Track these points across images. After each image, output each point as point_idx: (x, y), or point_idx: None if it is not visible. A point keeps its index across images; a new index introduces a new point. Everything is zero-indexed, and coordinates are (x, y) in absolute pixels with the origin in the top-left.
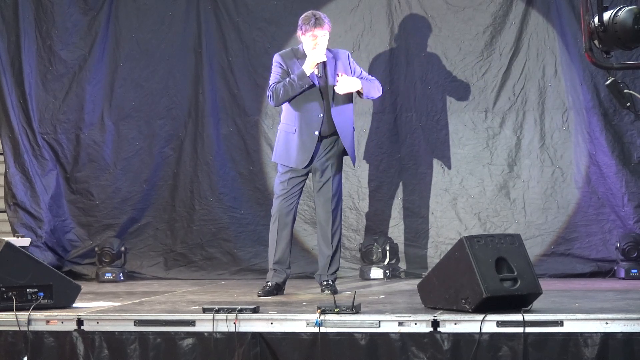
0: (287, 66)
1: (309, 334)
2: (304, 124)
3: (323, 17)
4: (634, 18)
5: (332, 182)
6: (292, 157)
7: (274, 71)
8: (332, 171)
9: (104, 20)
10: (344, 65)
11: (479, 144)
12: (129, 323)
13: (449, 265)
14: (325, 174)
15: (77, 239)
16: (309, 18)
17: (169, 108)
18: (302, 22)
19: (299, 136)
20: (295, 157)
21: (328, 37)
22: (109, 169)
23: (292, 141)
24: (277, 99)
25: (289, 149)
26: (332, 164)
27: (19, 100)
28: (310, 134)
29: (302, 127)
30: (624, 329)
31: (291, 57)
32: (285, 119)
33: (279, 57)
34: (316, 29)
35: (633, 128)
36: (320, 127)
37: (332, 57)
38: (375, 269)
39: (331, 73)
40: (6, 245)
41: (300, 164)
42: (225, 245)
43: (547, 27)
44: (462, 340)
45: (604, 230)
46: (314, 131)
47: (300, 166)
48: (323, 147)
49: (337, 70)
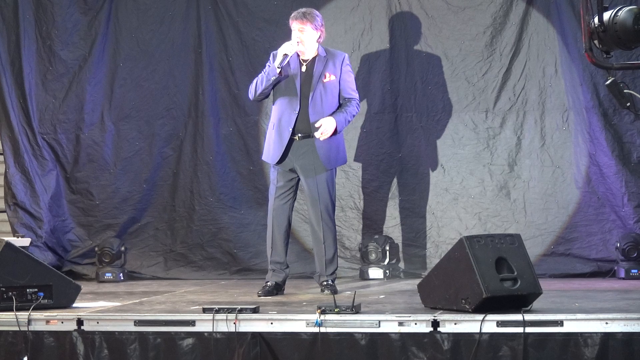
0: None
1: (309, 334)
2: (281, 120)
3: (309, 13)
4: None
5: (316, 182)
6: (270, 153)
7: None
8: (316, 171)
9: (104, 20)
10: (335, 67)
11: (480, 144)
12: (129, 323)
13: (449, 265)
14: (309, 174)
15: (77, 239)
16: (295, 12)
17: (169, 108)
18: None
19: (277, 132)
20: (272, 153)
21: (313, 33)
22: (109, 169)
23: (271, 137)
24: (252, 91)
25: (268, 144)
26: (314, 164)
27: (19, 100)
28: (285, 130)
29: (279, 123)
30: (624, 329)
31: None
32: (271, 116)
33: (272, 54)
34: (295, 21)
35: (633, 128)
36: (294, 123)
37: (324, 56)
38: (375, 269)
39: (317, 72)
40: (6, 245)
41: (274, 159)
42: (225, 245)
43: (547, 27)
44: (462, 340)
45: (604, 230)
46: (288, 127)
47: (273, 162)
48: (302, 147)
49: (325, 71)
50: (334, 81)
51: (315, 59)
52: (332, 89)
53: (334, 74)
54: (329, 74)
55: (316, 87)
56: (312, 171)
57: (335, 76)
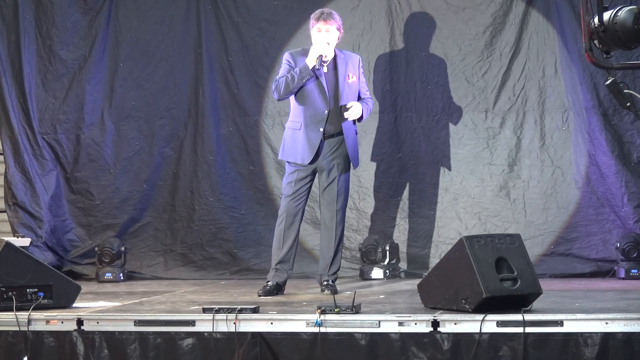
0: (296, 63)
1: (309, 334)
2: (310, 120)
3: (332, 14)
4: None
5: (337, 182)
6: (299, 153)
7: (282, 68)
8: (338, 171)
9: (104, 20)
10: (354, 68)
11: (479, 144)
12: (129, 323)
13: (449, 265)
14: (332, 173)
15: (77, 239)
16: (317, 13)
17: (169, 108)
18: (312, 17)
19: (305, 132)
20: (302, 153)
21: (337, 34)
22: (109, 169)
23: (298, 138)
24: (279, 91)
25: (295, 145)
26: (337, 163)
27: (19, 100)
28: (315, 130)
29: (308, 123)
30: (624, 329)
31: (301, 55)
32: (292, 116)
33: (289, 54)
34: (319, 22)
35: (633, 128)
36: (325, 124)
37: (343, 57)
38: (376, 269)
39: (342, 73)
40: (6, 245)
41: (305, 159)
42: (225, 245)
43: (547, 27)
44: (462, 340)
45: (604, 230)
46: (319, 128)
47: (305, 162)
48: (329, 146)
49: (347, 71)
50: (356, 82)
51: (336, 59)
52: (355, 90)
53: (355, 74)
54: (351, 74)
55: (343, 87)
56: (338, 169)
57: (356, 77)
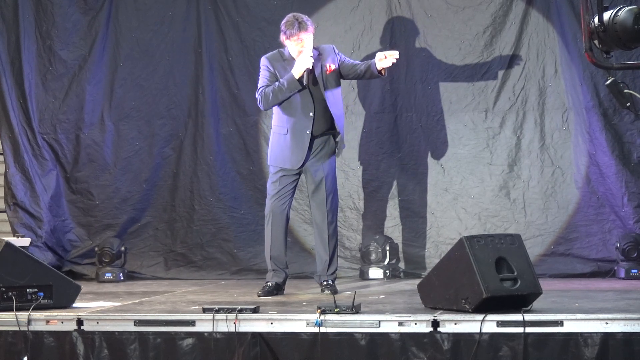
0: (274, 68)
1: (309, 334)
2: (296, 125)
3: (305, 20)
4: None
5: (325, 183)
6: (287, 158)
7: (261, 74)
8: (325, 171)
9: (104, 20)
10: (331, 58)
11: (479, 144)
12: (129, 323)
13: (449, 265)
14: (318, 174)
15: (77, 239)
16: (292, 22)
17: (169, 108)
18: (286, 27)
19: (292, 137)
20: (290, 158)
21: (311, 39)
22: (109, 169)
23: (285, 142)
24: (266, 103)
25: (283, 150)
26: (323, 163)
27: (19, 100)
28: (302, 134)
29: (294, 127)
30: (624, 329)
31: (278, 60)
32: (277, 122)
33: (266, 60)
34: (301, 33)
35: (633, 128)
36: (312, 127)
37: (318, 54)
38: (375, 269)
39: (318, 71)
40: (6, 245)
41: (295, 163)
42: (225, 245)
43: (547, 27)
44: (462, 340)
45: (604, 230)
46: (305, 131)
47: (295, 166)
48: (314, 147)
49: (324, 66)
50: (335, 70)
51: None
52: (336, 78)
53: (333, 62)
54: (328, 65)
55: (326, 85)
56: (324, 170)
57: (335, 64)
